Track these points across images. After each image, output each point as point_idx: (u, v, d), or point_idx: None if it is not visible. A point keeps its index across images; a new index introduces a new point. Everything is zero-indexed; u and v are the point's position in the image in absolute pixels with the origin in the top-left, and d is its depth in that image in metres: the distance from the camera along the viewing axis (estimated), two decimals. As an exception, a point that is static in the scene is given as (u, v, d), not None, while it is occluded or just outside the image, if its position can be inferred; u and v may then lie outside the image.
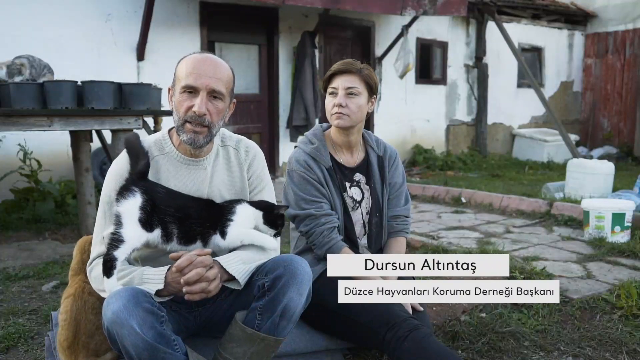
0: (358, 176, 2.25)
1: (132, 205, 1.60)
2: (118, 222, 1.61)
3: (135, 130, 3.78)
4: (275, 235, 1.83)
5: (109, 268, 1.58)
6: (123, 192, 1.62)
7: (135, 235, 1.61)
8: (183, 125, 1.70)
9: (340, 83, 2.09)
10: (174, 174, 1.77)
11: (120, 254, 1.59)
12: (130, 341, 1.45)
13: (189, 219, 1.69)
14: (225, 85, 1.73)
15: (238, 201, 1.79)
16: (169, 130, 1.84)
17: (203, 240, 1.72)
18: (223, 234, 1.72)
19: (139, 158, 1.69)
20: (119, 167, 1.74)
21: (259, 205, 1.80)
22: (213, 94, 1.70)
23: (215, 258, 1.67)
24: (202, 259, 1.57)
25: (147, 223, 1.62)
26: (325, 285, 1.99)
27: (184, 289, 1.55)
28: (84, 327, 1.76)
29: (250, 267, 1.71)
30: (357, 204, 2.22)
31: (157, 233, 1.65)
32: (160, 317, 1.52)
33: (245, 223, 1.75)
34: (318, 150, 2.17)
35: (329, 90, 2.13)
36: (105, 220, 1.71)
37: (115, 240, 1.59)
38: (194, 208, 1.72)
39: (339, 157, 2.23)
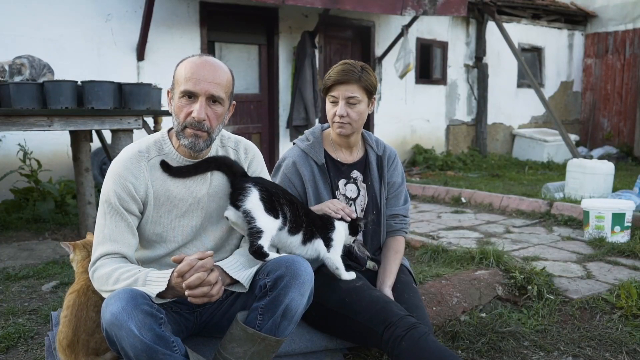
0: (355, 173, 2.26)
1: (254, 199, 1.74)
2: (250, 218, 1.73)
3: (135, 131, 3.79)
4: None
5: (261, 254, 1.72)
6: (241, 191, 1.75)
7: (268, 224, 1.75)
8: (183, 130, 1.70)
9: (340, 93, 2.10)
10: (173, 174, 1.77)
11: (264, 242, 1.72)
12: (129, 343, 1.45)
13: (295, 204, 1.87)
14: (225, 90, 1.72)
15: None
16: (169, 131, 1.83)
17: (305, 236, 1.89)
18: (328, 247, 1.96)
19: (232, 164, 1.83)
20: (119, 167, 1.74)
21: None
22: (212, 99, 1.69)
23: (217, 263, 1.67)
24: (203, 263, 1.56)
25: (271, 210, 1.76)
26: (325, 285, 2.00)
27: (186, 293, 1.54)
28: (84, 324, 1.76)
29: (252, 270, 1.73)
30: (351, 202, 2.23)
31: (280, 218, 1.79)
32: (159, 319, 1.51)
33: (340, 241, 1.99)
34: (313, 147, 2.20)
35: (329, 98, 2.14)
36: (106, 220, 1.71)
37: (256, 233, 1.72)
38: (297, 199, 1.92)
39: (337, 155, 2.25)
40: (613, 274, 3.14)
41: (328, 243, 1.96)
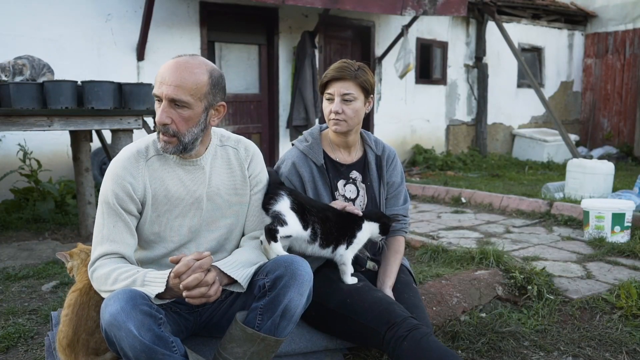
0: (354, 174, 2.25)
1: (285, 206, 1.81)
2: (280, 216, 1.79)
3: (135, 131, 3.79)
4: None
5: (272, 236, 1.76)
6: (273, 196, 1.84)
7: (295, 225, 1.81)
8: (159, 133, 1.71)
9: (335, 89, 2.10)
10: (171, 174, 1.77)
11: (283, 231, 1.77)
12: (128, 343, 1.45)
13: (329, 221, 1.91)
14: (190, 92, 1.66)
15: (364, 217, 2.04)
16: None
17: (335, 248, 1.96)
18: (348, 244, 1.99)
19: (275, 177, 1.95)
20: (117, 167, 1.74)
21: (376, 218, 2.07)
22: (175, 103, 1.66)
23: (215, 263, 1.66)
24: (199, 263, 1.56)
25: (302, 221, 1.82)
26: (326, 285, 2.00)
27: (184, 294, 1.54)
28: (85, 323, 1.75)
29: (251, 269, 1.72)
30: (350, 203, 2.23)
31: (309, 231, 1.85)
32: (159, 319, 1.51)
33: (362, 240, 2.03)
34: (311, 148, 2.20)
35: (326, 95, 2.15)
36: (105, 220, 1.71)
37: (281, 220, 1.78)
38: (331, 211, 1.96)
39: (335, 155, 2.24)
40: (613, 274, 3.14)
41: (350, 240, 1.99)
